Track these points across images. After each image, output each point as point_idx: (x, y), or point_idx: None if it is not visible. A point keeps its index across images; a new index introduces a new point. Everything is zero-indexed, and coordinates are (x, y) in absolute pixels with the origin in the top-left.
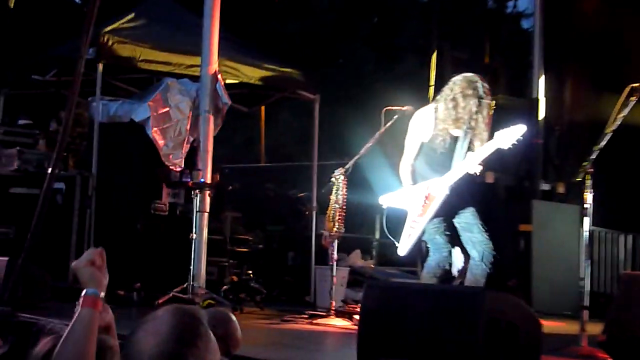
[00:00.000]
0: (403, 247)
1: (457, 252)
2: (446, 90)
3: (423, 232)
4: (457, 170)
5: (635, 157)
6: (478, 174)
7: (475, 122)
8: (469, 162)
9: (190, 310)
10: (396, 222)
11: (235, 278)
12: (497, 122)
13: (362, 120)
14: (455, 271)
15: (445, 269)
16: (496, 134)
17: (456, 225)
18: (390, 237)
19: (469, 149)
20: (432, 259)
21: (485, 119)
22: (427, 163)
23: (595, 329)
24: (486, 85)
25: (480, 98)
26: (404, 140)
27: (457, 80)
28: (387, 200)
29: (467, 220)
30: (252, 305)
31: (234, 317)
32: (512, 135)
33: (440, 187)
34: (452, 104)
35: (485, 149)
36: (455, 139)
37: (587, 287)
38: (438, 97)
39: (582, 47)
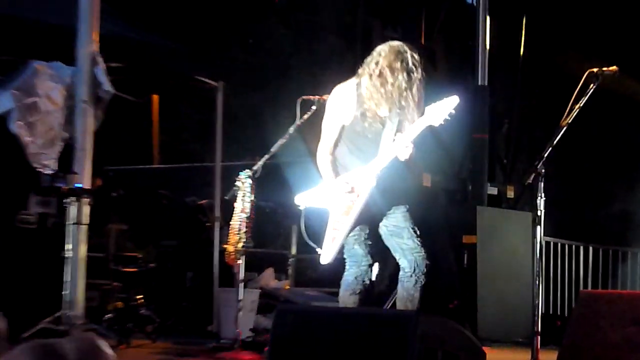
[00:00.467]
0: (326, 254)
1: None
2: (371, 63)
3: (359, 224)
4: (384, 156)
5: (590, 156)
6: (408, 157)
7: (405, 100)
8: (397, 145)
9: (52, 347)
10: (317, 225)
11: (121, 304)
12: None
13: (276, 112)
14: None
15: (365, 284)
16: (426, 109)
17: (383, 229)
18: (311, 243)
19: (398, 131)
20: (349, 273)
21: (416, 96)
22: (350, 150)
23: (549, 357)
24: (416, 56)
25: (409, 72)
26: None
27: (383, 51)
28: (304, 200)
29: (396, 223)
30: (142, 337)
31: (106, 348)
32: (443, 108)
33: (365, 178)
34: (378, 80)
35: (414, 128)
36: (382, 121)
37: (541, 309)
38: (360, 70)
39: (537, 25)
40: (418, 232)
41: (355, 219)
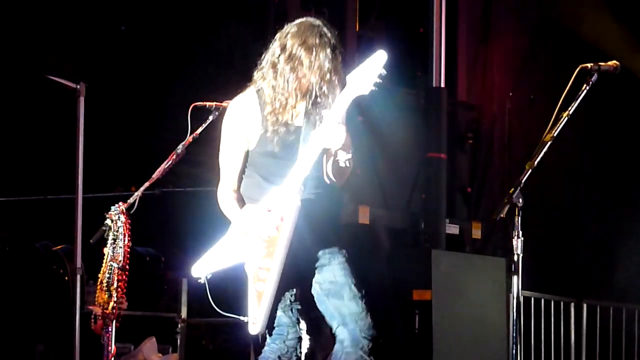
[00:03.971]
0: (256, 320)
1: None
2: (275, 51)
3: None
4: (305, 161)
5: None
6: (340, 149)
7: (329, 86)
8: (320, 135)
9: None
10: (230, 288)
11: None
12: (377, 126)
13: (159, 125)
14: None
15: None
16: (348, 77)
17: (315, 287)
18: (230, 315)
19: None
20: (270, 349)
21: (340, 82)
22: (262, 177)
23: None
24: (334, 32)
25: (333, 48)
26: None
27: (290, 32)
28: (202, 269)
29: (333, 278)
30: None
31: None
32: (370, 70)
33: (285, 199)
34: (288, 65)
35: (339, 103)
36: (298, 132)
37: None
38: (257, 74)
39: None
40: (363, 292)
41: (283, 257)
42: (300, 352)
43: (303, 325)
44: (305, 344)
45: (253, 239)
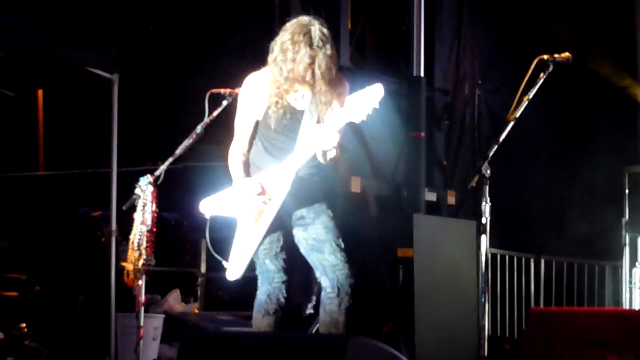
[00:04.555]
0: (234, 269)
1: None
2: (275, 41)
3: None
4: (302, 152)
5: (543, 155)
6: (331, 152)
7: (313, 78)
8: (316, 136)
9: None
10: (228, 237)
11: (0, 335)
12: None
13: (181, 109)
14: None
15: (280, 303)
16: (347, 99)
17: (302, 243)
18: (217, 256)
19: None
20: (260, 291)
21: (326, 75)
22: (265, 149)
23: None
24: (325, 31)
25: (311, 46)
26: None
27: (288, 26)
28: (209, 207)
29: (316, 236)
30: None
31: None
32: (365, 101)
33: (279, 179)
34: (281, 56)
35: (336, 119)
36: (298, 115)
37: (487, 331)
38: (269, 57)
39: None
40: (342, 246)
41: (266, 228)
42: (286, 293)
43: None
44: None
45: (245, 205)
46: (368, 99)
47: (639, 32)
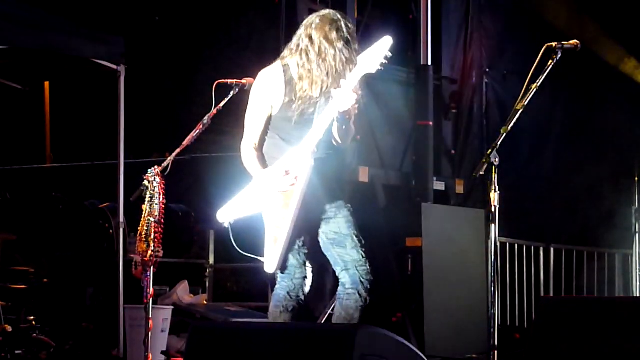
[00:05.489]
0: (271, 260)
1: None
2: (302, 39)
3: (294, 231)
4: (320, 126)
5: (551, 144)
6: (346, 112)
7: (344, 70)
8: (336, 98)
9: None
10: (250, 234)
11: (8, 328)
12: (375, 99)
13: (189, 100)
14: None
15: (299, 300)
16: (359, 57)
17: (322, 237)
18: (249, 255)
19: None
20: (280, 287)
21: (351, 67)
22: (282, 139)
23: None
24: (350, 25)
25: (347, 41)
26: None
27: (314, 23)
28: (227, 215)
29: (338, 230)
30: None
31: None
32: (377, 52)
33: (300, 157)
34: (317, 56)
35: (351, 77)
36: (314, 103)
37: (497, 321)
38: (286, 52)
39: None
40: (363, 242)
41: (297, 208)
42: (306, 289)
43: (309, 267)
44: (309, 283)
45: (272, 193)
46: (379, 50)
47: None
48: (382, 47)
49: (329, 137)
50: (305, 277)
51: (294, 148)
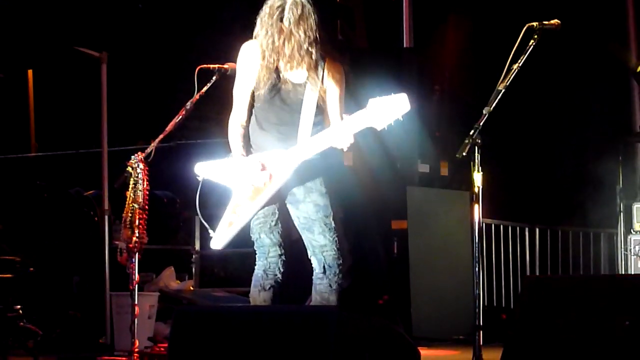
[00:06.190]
0: (219, 239)
1: None
2: (268, 17)
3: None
4: (311, 146)
5: (534, 123)
6: (346, 149)
7: (292, 52)
8: (333, 134)
9: None
10: (217, 202)
11: None
12: (359, 82)
13: (173, 87)
14: None
15: (277, 278)
16: (370, 102)
17: (296, 221)
18: (204, 223)
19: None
20: (257, 266)
21: (303, 49)
22: (264, 127)
23: (494, 356)
24: (300, 7)
25: (281, 20)
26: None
27: (271, 3)
28: (204, 170)
29: (307, 215)
30: (22, 354)
31: None
32: (390, 109)
33: (282, 163)
34: (280, 36)
35: (356, 121)
36: (299, 91)
37: (483, 301)
38: (256, 30)
39: None
40: (332, 225)
41: (264, 203)
42: (283, 267)
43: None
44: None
45: (242, 181)
46: (393, 108)
47: None
48: (397, 106)
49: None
50: (280, 254)
51: (275, 141)
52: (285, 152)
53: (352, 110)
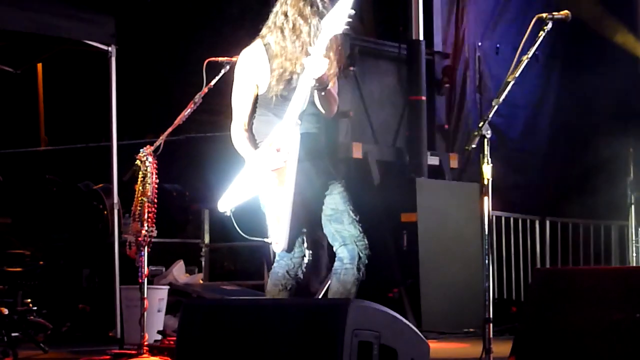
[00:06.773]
0: (278, 240)
1: None
2: (278, 16)
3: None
4: (299, 97)
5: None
6: (321, 78)
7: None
8: (307, 65)
9: None
10: (250, 216)
11: (5, 310)
12: (367, 74)
13: (182, 80)
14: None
15: (298, 279)
16: (322, 22)
17: (318, 213)
18: (256, 239)
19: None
20: (279, 265)
21: (334, 43)
22: (275, 115)
23: (504, 349)
24: None
25: (322, 17)
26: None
27: (287, 1)
28: (226, 203)
29: (335, 206)
30: (32, 348)
31: None
32: (340, 12)
33: (286, 134)
34: (292, 33)
35: (318, 44)
36: (296, 79)
37: (493, 294)
38: (264, 30)
39: None
40: (357, 218)
41: (293, 182)
42: (304, 267)
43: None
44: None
45: (266, 173)
46: (342, 9)
47: None
48: (344, 5)
49: (317, 110)
50: (304, 255)
51: (281, 122)
52: (281, 124)
53: (360, 107)
